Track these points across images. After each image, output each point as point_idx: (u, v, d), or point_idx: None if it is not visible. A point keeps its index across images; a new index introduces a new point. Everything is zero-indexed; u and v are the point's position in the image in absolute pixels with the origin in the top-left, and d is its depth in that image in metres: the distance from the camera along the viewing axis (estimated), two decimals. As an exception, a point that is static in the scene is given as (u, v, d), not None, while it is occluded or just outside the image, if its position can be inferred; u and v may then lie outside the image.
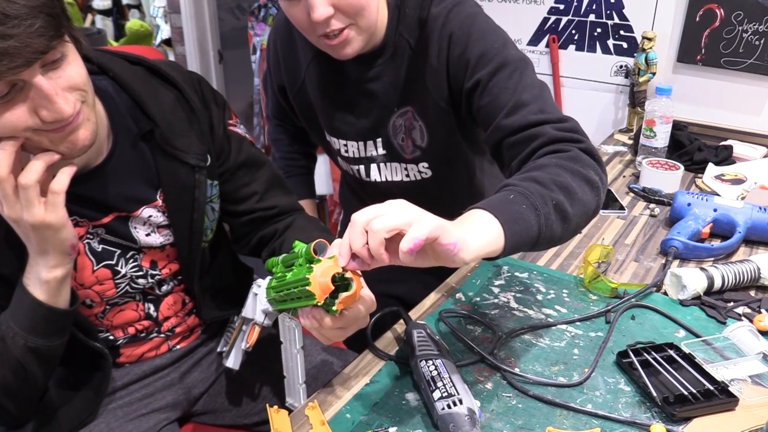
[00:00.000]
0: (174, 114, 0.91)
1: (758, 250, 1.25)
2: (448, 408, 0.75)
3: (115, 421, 1.00)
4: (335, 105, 1.14)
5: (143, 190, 0.91)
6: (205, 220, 0.97)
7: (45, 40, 0.67)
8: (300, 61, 1.14)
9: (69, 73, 0.73)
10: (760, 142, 1.77)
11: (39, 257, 0.78)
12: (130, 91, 0.89)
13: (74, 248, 0.81)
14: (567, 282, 1.13)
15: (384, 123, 1.12)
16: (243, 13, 3.47)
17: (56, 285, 0.80)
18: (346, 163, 1.21)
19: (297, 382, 0.87)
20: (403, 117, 1.10)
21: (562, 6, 2.07)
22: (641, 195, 1.52)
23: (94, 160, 0.87)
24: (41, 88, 0.69)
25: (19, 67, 0.66)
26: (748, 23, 1.75)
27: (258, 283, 0.95)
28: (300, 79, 1.15)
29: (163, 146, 0.90)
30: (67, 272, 0.81)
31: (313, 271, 0.71)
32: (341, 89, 1.11)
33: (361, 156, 1.18)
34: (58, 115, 0.71)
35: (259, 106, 2.75)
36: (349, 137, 1.16)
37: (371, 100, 1.10)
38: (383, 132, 1.13)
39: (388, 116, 1.11)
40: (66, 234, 0.78)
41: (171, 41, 3.34)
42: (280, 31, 1.16)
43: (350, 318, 0.76)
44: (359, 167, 1.20)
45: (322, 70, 1.12)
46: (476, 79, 0.97)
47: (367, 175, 1.20)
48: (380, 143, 1.14)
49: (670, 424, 0.80)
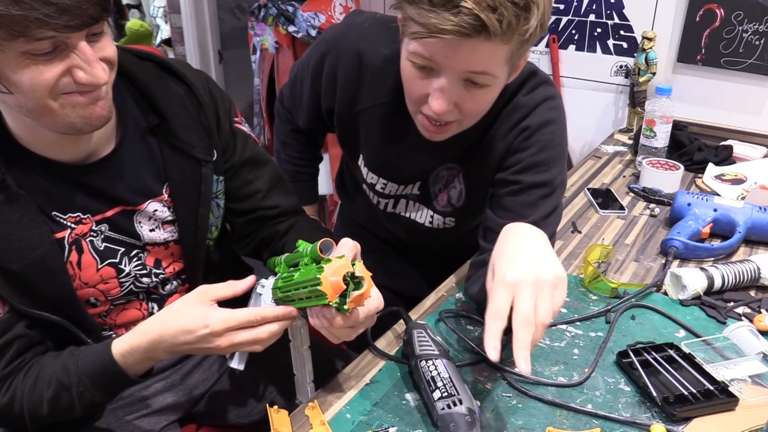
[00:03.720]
0: (182, 108, 0.92)
1: (758, 250, 1.25)
2: (448, 408, 0.75)
3: (117, 421, 1.00)
4: (387, 149, 1.10)
5: (150, 183, 0.92)
6: (210, 216, 0.97)
7: (99, 10, 0.72)
8: (363, 96, 1.07)
9: (106, 46, 0.77)
10: (760, 142, 1.77)
11: (174, 351, 0.81)
12: (139, 85, 0.90)
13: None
14: (567, 282, 1.13)
15: (429, 171, 1.11)
16: (243, 13, 3.46)
17: (153, 363, 0.83)
18: (375, 195, 1.19)
19: (306, 380, 0.88)
20: (449, 171, 1.09)
21: (562, 6, 2.06)
22: (641, 195, 1.52)
23: (102, 150, 0.87)
24: (84, 52, 0.73)
25: (74, 28, 0.70)
26: (748, 23, 1.75)
27: (262, 283, 0.95)
28: (355, 111, 1.08)
29: (170, 140, 0.91)
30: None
31: (324, 270, 0.71)
32: (400, 138, 1.07)
33: (395, 194, 1.17)
34: (94, 80, 0.74)
35: (259, 106, 2.75)
36: (390, 179, 1.14)
37: (428, 156, 1.08)
38: (424, 178, 1.12)
39: (435, 166, 1.10)
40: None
41: (171, 41, 3.34)
42: (344, 59, 1.05)
43: (360, 316, 0.77)
44: (388, 201, 1.19)
45: (387, 117, 1.06)
46: (517, 179, 0.98)
47: (393, 208, 1.20)
48: (417, 185, 1.14)
49: (670, 424, 0.80)
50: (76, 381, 0.80)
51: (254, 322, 0.79)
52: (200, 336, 0.78)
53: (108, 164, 0.88)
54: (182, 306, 0.81)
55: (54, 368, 0.82)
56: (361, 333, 0.82)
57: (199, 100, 0.94)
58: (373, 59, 1.02)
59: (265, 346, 0.81)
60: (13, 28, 0.66)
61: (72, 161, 0.85)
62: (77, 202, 0.86)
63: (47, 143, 0.82)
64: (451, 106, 0.86)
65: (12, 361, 0.82)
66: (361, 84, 1.05)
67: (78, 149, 0.84)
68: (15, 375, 0.82)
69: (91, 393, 0.81)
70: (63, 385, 0.80)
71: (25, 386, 0.81)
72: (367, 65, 1.03)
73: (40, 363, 0.83)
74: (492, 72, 0.83)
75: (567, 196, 1.52)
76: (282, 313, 0.79)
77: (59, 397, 0.81)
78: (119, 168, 0.89)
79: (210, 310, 0.79)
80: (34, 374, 0.82)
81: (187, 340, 0.78)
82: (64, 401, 0.81)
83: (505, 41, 0.79)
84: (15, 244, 0.80)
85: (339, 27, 1.10)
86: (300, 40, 2.38)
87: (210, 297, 0.81)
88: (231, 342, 0.78)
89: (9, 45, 0.68)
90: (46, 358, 0.84)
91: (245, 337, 0.78)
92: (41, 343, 0.86)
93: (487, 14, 0.74)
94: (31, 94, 0.73)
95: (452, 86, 0.84)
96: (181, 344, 0.79)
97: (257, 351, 0.81)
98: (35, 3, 0.66)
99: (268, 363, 1.09)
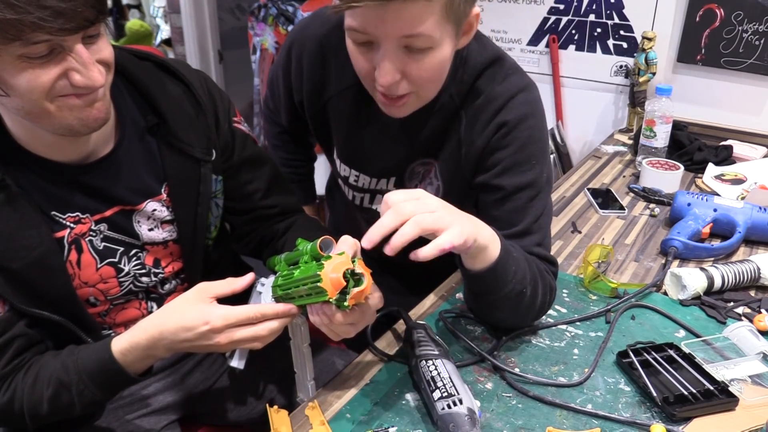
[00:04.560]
0: (181, 108, 0.92)
1: (758, 250, 1.25)
2: (448, 408, 0.75)
3: (117, 420, 1.00)
4: (357, 138, 1.08)
5: (148, 182, 0.92)
6: (209, 216, 0.97)
7: (95, 12, 0.72)
8: (329, 83, 1.07)
9: (102, 48, 0.77)
10: (760, 142, 1.77)
11: (173, 348, 0.81)
12: (138, 85, 0.91)
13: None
14: (567, 282, 1.13)
15: (403, 167, 1.08)
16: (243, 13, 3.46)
17: (153, 361, 0.83)
18: (350, 189, 1.17)
19: (307, 378, 0.88)
20: (424, 167, 1.06)
21: (562, 6, 2.07)
22: (641, 195, 1.52)
23: (101, 149, 0.88)
24: (81, 54, 0.73)
25: (70, 31, 0.70)
26: (748, 23, 1.75)
27: (261, 282, 0.95)
28: (323, 100, 1.08)
29: (169, 139, 0.91)
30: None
31: (324, 267, 0.71)
32: (369, 125, 1.05)
33: (369, 188, 1.14)
34: (90, 82, 0.74)
35: (259, 106, 2.75)
36: (362, 171, 1.12)
37: (397, 144, 1.05)
38: (399, 173, 1.09)
39: (409, 162, 1.07)
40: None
41: (171, 41, 3.34)
42: (307, 47, 1.06)
43: (361, 313, 0.77)
44: (363, 195, 1.16)
45: (354, 102, 1.05)
46: (501, 184, 0.96)
47: (370, 203, 1.17)
48: (393, 181, 1.11)
49: (670, 424, 0.80)
50: (76, 379, 0.80)
51: (254, 319, 0.79)
52: (200, 333, 0.78)
53: (107, 164, 0.88)
54: (182, 303, 0.81)
55: (54, 367, 0.82)
56: (361, 330, 0.82)
57: (197, 100, 0.94)
58: (336, 44, 1.00)
59: (264, 344, 0.81)
60: (8, 32, 0.66)
61: (71, 161, 0.85)
62: (76, 202, 0.86)
63: (46, 144, 0.82)
64: (397, 76, 0.84)
65: (12, 360, 0.82)
66: (326, 70, 1.05)
67: (77, 150, 0.84)
68: (15, 374, 0.82)
69: (91, 391, 0.81)
70: (63, 383, 0.80)
71: (25, 385, 0.81)
72: (330, 50, 1.03)
73: (40, 362, 0.83)
74: (427, 32, 0.80)
75: (567, 196, 1.52)
76: (282, 311, 0.80)
77: (59, 396, 0.81)
78: (118, 168, 0.89)
79: (210, 306, 0.79)
80: (33, 373, 0.82)
81: (187, 337, 0.78)
82: (64, 399, 0.81)
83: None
84: (15, 243, 0.80)
85: (305, 19, 1.11)
86: (300, 40, 2.38)
87: (209, 294, 0.81)
88: (230, 339, 0.78)
89: (5, 49, 0.68)
90: (46, 357, 0.84)
91: (245, 334, 0.78)
92: (41, 343, 0.86)
93: None
94: (28, 97, 0.73)
95: (393, 55, 0.82)
96: (181, 341, 0.79)
97: (257, 348, 0.81)
98: (30, 7, 0.66)
99: (268, 362, 1.09)
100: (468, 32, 0.89)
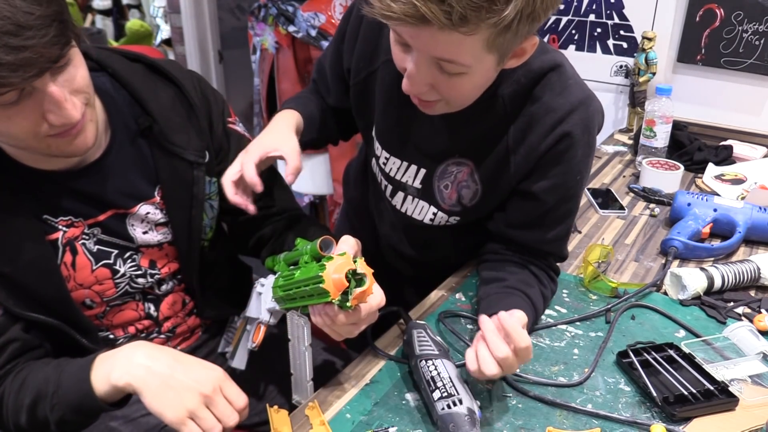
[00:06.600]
0: (173, 110, 0.92)
1: (758, 250, 1.25)
2: (448, 408, 0.75)
3: (115, 421, 1.00)
4: (397, 115, 1.02)
5: (141, 186, 0.92)
6: (204, 218, 0.97)
7: (58, 49, 0.69)
8: (380, 52, 1.00)
9: (74, 75, 0.74)
10: (760, 142, 1.77)
11: (149, 364, 0.75)
12: (128, 88, 0.90)
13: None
14: (567, 282, 1.13)
15: (436, 161, 1.02)
16: (243, 13, 3.46)
17: (125, 377, 0.75)
18: (380, 172, 1.12)
19: (305, 379, 0.88)
20: (459, 167, 1.00)
21: (562, 6, 2.06)
22: (641, 195, 1.52)
23: (92, 154, 0.87)
24: (52, 95, 0.71)
25: (33, 77, 0.67)
26: (748, 23, 1.75)
27: (261, 282, 0.95)
28: (371, 68, 1.02)
29: (161, 142, 0.90)
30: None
31: (326, 268, 0.71)
32: (410, 104, 0.94)
33: (396, 177, 1.08)
34: (67, 120, 0.73)
35: (259, 106, 2.75)
36: (393, 152, 1.06)
37: (435, 133, 0.99)
38: (430, 168, 1.03)
39: (444, 158, 1.01)
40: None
41: (171, 41, 3.34)
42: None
43: (363, 313, 0.77)
44: (389, 186, 1.11)
45: (400, 76, 0.91)
46: (542, 198, 0.95)
47: (391, 197, 1.12)
48: (420, 175, 1.04)
49: (670, 424, 0.80)
50: (51, 391, 0.77)
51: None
52: (193, 383, 0.74)
53: (97, 169, 0.87)
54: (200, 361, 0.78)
55: (38, 376, 0.79)
56: (362, 330, 0.82)
57: (189, 102, 0.93)
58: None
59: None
60: None
61: (60, 169, 0.84)
62: (68, 207, 0.86)
63: (35, 158, 0.82)
64: (423, 88, 0.81)
65: (5, 364, 0.81)
66: (381, 39, 0.99)
67: (67, 160, 0.84)
68: (6, 378, 0.81)
69: (61, 408, 0.77)
70: (41, 394, 0.78)
71: (12, 390, 0.80)
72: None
73: (30, 367, 0.81)
74: (461, 61, 0.76)
75: (567, 196, 1.53)
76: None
77: (36, 406, 0.78)
78: (109, 172, 0.88)
79: (226, 381, 0.78)
80: (21, 378, 0.80)
81: (175, 371, 0.74)
82: (40, 412, 0.78)
83: (470, 32, 0.70)
84: (7, 246, 0.80)
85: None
86: (300, 40, 2.38)
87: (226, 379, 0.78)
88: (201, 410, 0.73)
89: None
90: (38, 364, 0.82)
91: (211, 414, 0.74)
92: (39, 347, 0.86)
93: (428, 5, 0.67)
94: (14, 140, 0.73)
95: (425, 68, 0.78)
96: (167, 366, 0.74)
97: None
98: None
99: (268, 363, 1.09)
100: (520, 56, 0.83)
